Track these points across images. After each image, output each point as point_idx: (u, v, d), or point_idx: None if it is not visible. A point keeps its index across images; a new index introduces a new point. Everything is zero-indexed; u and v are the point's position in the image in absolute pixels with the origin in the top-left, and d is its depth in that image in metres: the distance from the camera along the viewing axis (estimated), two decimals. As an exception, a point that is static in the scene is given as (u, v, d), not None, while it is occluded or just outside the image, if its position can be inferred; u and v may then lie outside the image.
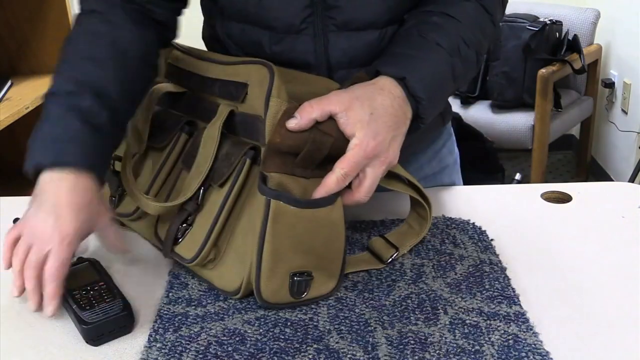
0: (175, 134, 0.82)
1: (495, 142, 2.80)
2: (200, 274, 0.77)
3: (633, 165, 2.76)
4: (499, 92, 2.88)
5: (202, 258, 0.74)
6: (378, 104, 0.73)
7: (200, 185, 0.76)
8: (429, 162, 1.01)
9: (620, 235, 0.85)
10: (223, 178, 0.75)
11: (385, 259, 0.79)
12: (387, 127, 0.72)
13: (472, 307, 0.71)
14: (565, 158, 3.57)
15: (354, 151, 0.70)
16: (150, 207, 0.77)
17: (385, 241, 0.81)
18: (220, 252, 0.75)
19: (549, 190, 0.97)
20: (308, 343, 0.66)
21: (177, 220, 0.77)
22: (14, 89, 1.82)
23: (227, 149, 0.76)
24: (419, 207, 0.84)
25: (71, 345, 0.68)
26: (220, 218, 0.74)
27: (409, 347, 0.65)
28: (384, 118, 0.72)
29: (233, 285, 0.73)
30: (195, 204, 0.76)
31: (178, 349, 0.66)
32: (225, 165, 0.75)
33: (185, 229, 0.77)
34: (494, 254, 0.81)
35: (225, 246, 0.75)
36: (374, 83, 0.75)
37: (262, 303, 0.71)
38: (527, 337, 0.66)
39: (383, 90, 0.74)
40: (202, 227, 0.75)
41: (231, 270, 0.73)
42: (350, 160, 0.70)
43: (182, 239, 0.77)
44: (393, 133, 0.73)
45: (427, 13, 0.83)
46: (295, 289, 0.71)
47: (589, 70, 3.02)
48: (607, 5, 3.08)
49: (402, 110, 0.75)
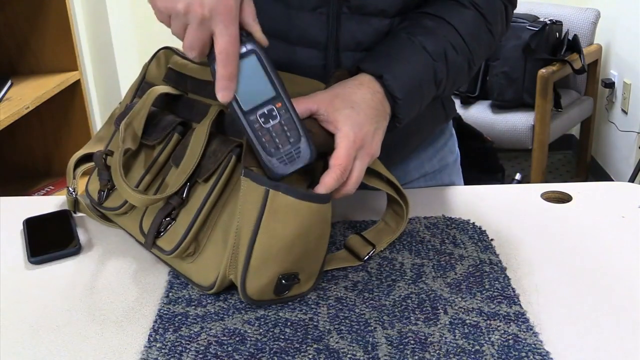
0: (168, 133, 0.83)
1: (495, 142, 2.80)
2: (179, 268, 0.77)
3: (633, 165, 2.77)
4: (499, 92, 2.89)
5: (181, 250, 0.75)
6: (358, 97, 0.74)
7: (186, 181, 0.77)
8: (429, 159, 1.01)
9: (620, 235, 0.85)
10: (208, 173, 0.76)
11: (362, 257, 0.80)
12: (370, 119, 0.74)
13: (472, 307, 0.71)
14: (565, 158, 3.57)
15: (344, 144, 0.71)
16: (136, 199, 0.78)
17: (362, 239, 0.82)
18: (200, 246, 0.76)
19: (549, 190, 0.97)
20: (308, 343, 0.66)
21: (161, 213, 0.78)
22: (14, 89, 1.82)
23: (214, 147, 0.77)
24: (395, 205, 0.84)
25: (70, 344, 0.68)
26: (203, 211, 0.75)
27: (409, 347, 0.65)
28: (365, 110, 0.74)
29: (208, 280, 0.73)
30: (180, 199, 0.77)
31: (178, 349, 0.66)
32: (211, 161, 0.76)
33: (168, 222, 0.78)
34: (494, 254, 0.81)
35: (205, 240, 0.75)
36: (354, 79, 0.77)
37: (244, 299, 0.71)
38: (527, 337, 0.66)
39: (362, 85, 0.76)
40: (184, 222, 0.76)
41: (208, 264, 0.74)
42: (343, 154, 0.70)
43: (165, 232, 0.78)
44: (375, 125, 0.74)
45: (423, 15, 0.84)
46: (279, 289, 0.71)
47: (589, 70, 3.02)
48: (607, 5, 3.08)
49: (382, 105, 0.76)
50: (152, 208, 0.80)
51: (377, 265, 0.79)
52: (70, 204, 0.93)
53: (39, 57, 1.95)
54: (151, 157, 0.84)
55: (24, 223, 0.90)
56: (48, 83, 1.86)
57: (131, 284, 0.77)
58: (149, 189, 0.82)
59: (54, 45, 1.94)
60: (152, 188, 0.82)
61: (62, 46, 1.94)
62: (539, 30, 2.81)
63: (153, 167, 0.83)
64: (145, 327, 0.70)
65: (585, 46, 2.98)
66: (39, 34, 1.92)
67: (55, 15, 1.90)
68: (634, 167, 2.72)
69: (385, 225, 0.85)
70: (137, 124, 0.85)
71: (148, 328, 0.70)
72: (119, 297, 0.75)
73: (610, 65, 3.16)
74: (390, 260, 0.80)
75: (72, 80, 1.94)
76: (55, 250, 0.84)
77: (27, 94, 1.78)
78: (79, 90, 2.00)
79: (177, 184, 0.77)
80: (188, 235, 0.75)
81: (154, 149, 0.84)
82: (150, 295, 0.75)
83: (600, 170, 3.28)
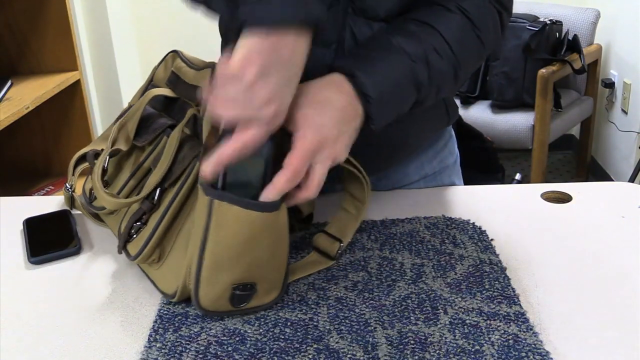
0: (157, 136, 0.84)
1: (495, 142, 2.80)
2: (148, 273, 0.77)
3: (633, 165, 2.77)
4: (499, 92, 2.89)
5: (144, 256, 0.75)
6: (323, 97, 0.72)
7: (156, 185, 0.77)
8: (429, 161, 1.01)
9: (620, 235, 0.85)
10: (174, 178, 0.76)
11: (333, 255, 0.79)
12: (333, 121, 0.71)
13: (472, 307, 0.71)
14: (565, 158, 3.57)
15: (299, 145, 0.67)
16: (107, 201, 0.78)
17: (327, 235, 0.80)
18: (164, 253, 0.75)
19: (549, 190, 0.97)
20: (308, 343, 0.66)
21: (132, 217, 0.78)
22: (14, 89, 1.82)
23: (185, 152, 0.77)
24: (353, 186, 0.82)
25: (70, 344, 0.68)
26: (166, 217, 0.74)
27: (409, 347, 0.65)
28: (330, 112, 0.71)
29: (170, 288, 0.73)
30: (150, 204, 0.77)
31: (178, 349, 0.66)
32: (180, 167, 0.76)
33: (139, 227, 0.78)
34: (494, 254, 0.81)
35: (170, 247, 0.75)
36: (324, 78, 0.74)
37: (200, 310, 0.70)
38: (527, 337, 0.66)
39: (330, 85, 0.73)
40: (151, 227, 0.76)
41: (171, 272, 0.73)
42: (296, 154, 0.67)
43: (135, 236, 0.78)
44: (340, 127, 0.71)
45: (407, 20, 0.82)
46: (235, 300, 0.69)
47: (589, 70, 3.02)
48: (607, 5, 3.08)
49: (351, 106, 0.73)
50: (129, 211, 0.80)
51: (377, 265, 0.79)
52: (67, 201, 0.94)
53: (39, 57, 1.95)
54: (139, 159, 0.84)
55: (24, 223, 0.90)
56: (48, 83, 1.86)
57: (131, 284, 0.77)
58: (133, 192, 0.82)
59: (54, 45, 1.94)
60: (135, 192, 0.83)
61: (62, 46, 1.94)
62: (539, 30, 2.81)
63: (138, 171, 0.83)
64: (145, 327, 0.70)
65: (585, 46, 2.98)
66: (39, 34, 1.92)
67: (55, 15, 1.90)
68: (634, 167, 2.72)
69: (345, 213, 0.82)
70: (131, 125, 0.86)
71: (148, 328, 0.70)
72: (119, 297, 0.75)
73: (610, 65, 3.16)
74: (390, 260, 0.80)
75: (72, 80, 1.94)
76: (55, 250, 0.84)
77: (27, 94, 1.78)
78: (79, 90, 2.00)
79: (148, 188, 0.77)
80: (150, 240, 0.74)
81: (143, 150, 0.85)
82: (150, 295, 0.75)
83: (600, 170, 3.28)
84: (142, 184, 0.82)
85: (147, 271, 0.78)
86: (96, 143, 0.94)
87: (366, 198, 0.82)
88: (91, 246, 0.86)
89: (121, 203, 0.78)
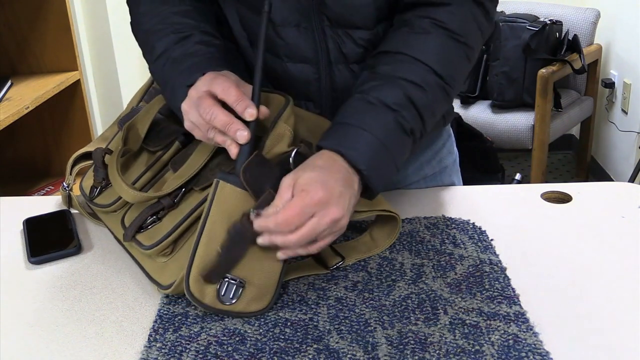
0: (170, 141, 0.84)
1: (495, 142, 2.80)
2: (142, 263, 0.78)
3: (633, 165, 2.76)
4: (499, 92, 2.89)
5: (160, 248, 0.75)
6: (322, 163, 0.73)
7: (182, 186, 0.78)
8: (428, 162, 1.01)
9: (620, 235, 0.85)
10: (206, 183, 0.76)
11: (329, 266, 0.79)
12: (335, 180, 0.72)
13: (472, 307, 0.71)
14: (565, 158, 3.57)
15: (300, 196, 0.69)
16: (129, 194, 0.78)
17: (332, 250, 0.80)
18: (176, 250, 0.77)
19: (549, 190, 0.97)
20: (308, 343, 0.66)
21: (149, 210, 0.78)
22: (14, 89, 1.82)
23: (219, 160, 0.78)
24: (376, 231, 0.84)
25: (70, 344, 0.68)
26: (192, 216, 0.76)
27: (409, 347, 0.65)
28: (330, 172, 0.72)
29: (167, 280, 0.74)
30: (171, 201, 0.78)
31: (178, 348, 0.66)
32: (212, 173, 0.77)
33: (153, 221, 0.78)
34: (494, 254, 0.81)
35: (181, 245, 0.76)
36: (315, 155, 0.75)
37: (187, 293, 0.70)
38: (527, 337, 0.66)
39: (324, 155, 0.75)
40: (169, 223, 0.77)
41: (175, 265, 0.75)
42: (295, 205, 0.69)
43: (145, 230, 0.78)
44: (342, 187, 0.72)
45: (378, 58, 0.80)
46: (223, 291, 0.70)
47: (589, 70, 3.02)
48: (607, 5, 3.08)
49: (347, 172, 0.74)
50: (136, 206, 0.81)
51: (377, 265, 0.79)
52: (64, 199, 0.94)
53: (39, 57, 1.95)
54: (152, 158, 0.85)
55: (23, 223, 0.90)
56: (48, 83, 1.86)
57: (131, 284, 0.77)
58: (145, 187, 0.83)
59: (54, 45, 1.93)
60: (150, 185, 0.83)
61: (62, 46, 1.94)
62: (539, 30, 2.81)
63: (151, 169, 0.83)
64: (145, 327, 0.70)
65: (585, 46, 2.97)
66: (39, 34, 1.92)
67: (55, 15, 1.90)
68: (634, 167, 2.72)
69: (357, 243, 0.83)
70: (141, 128, 0.86)
71: (148, 328, 0.70)
72: (119, 297, 0.75)
73: (610, 65, 3.16)
74: (390, 260, 0.80)
75: (72, 80, 1.94)
76: (55, 250, 0.84)
77: (27, 94, 1.78)
78: (79, 90, 2.00)
79: (172, 186, 0.77)
80: (171, 235, 0.75)
81: (154, 154, 0.85)
82: (150, 295, 0.75)
83: (600, 170, 3.28)
84: (157, 178, 0.83)
85: (142, 262, 0.78)
86: (96, 143, 0.94)
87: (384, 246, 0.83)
88: (91, 246, 0.86)
89: (145, 196, 0.78)
